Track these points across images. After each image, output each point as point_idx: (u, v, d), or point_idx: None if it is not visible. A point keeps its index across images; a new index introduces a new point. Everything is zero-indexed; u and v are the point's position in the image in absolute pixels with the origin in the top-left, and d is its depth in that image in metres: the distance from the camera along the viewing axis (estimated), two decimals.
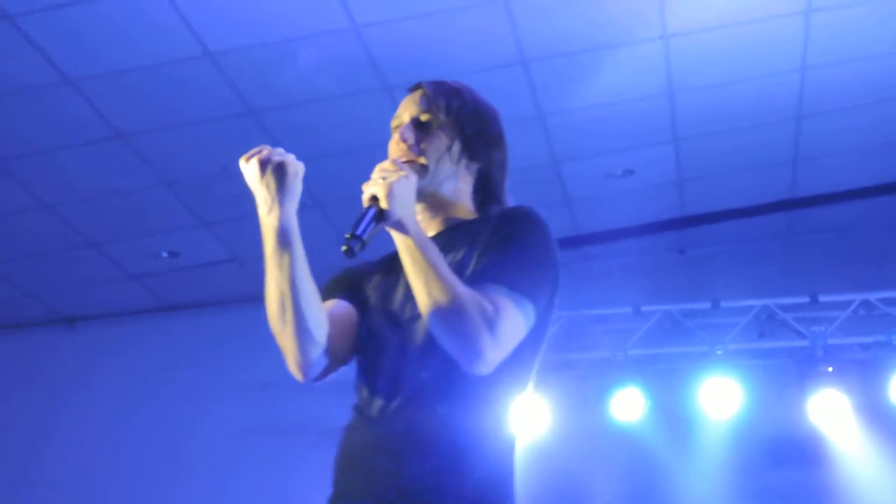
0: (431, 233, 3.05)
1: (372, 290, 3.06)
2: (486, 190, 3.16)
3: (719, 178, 8.11)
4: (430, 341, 2.81)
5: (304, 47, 6.47)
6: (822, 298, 8.18)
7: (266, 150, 2.91)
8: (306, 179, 2.99)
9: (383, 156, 3.15)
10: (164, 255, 8.54)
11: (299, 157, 3.06)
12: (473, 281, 2.80)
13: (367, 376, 2.96)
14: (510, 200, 3.16)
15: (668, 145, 7.68)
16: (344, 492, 2.88)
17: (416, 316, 2.85)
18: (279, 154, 2.91)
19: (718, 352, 8.11)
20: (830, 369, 8.07)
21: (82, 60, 6.47)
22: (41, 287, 8.95)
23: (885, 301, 8.15)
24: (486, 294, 2.76)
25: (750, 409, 8.11)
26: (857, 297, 8.16)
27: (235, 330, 9.07)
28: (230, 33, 6.38)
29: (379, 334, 2.98)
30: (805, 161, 7.96)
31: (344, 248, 2.75)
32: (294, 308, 2.84)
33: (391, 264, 3.04)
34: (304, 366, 2.91)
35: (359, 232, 2.74)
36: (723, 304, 8.25)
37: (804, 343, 8.10)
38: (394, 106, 3.11)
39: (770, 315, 8.26)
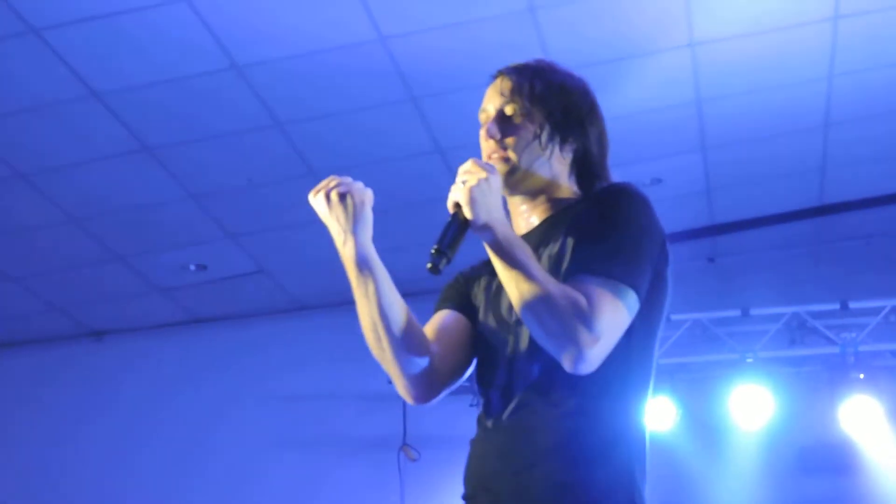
0: (537, 220, 2.97)
1: (481, 295, 3.00)
2: (586, 168, 3.04)
3: (748, 186, 8.09)
4: (535, 344, 2.74)
5: (331, 59, 6.46)
6: (853, 305, 8.14)
7: (332, 182, 2.82)
8: None
9: (410, 166, 3.14)
10: (192, 267, 8.54)
11: (325, 170, 3.05)
12: (568, 273, 2.73)
13: (483, 385, 2.92)
14: (613, 176, 3.05)
15: (697, 154, 7.65)
16: (466, 500, 2.87)
17: (521, 320, 2.77)
18: (345, 184, 2.80)
19: (749, 359, 8.07)
20: (862, 376, 8.03)
21: (109, 74, 6.49)
22: (69, 301, 8.98)
23: None
24: (580, 286, 2.66)
25: (781, 416, 8.07)
26: (888, 304, 8.10)
27: (263, 342, 9.09)
28: (256, 46, 6.38)
29: (490, 341, 2.93)
30: (833, 168, 7.92)
31: (429, 265, 2.63)
32: (388, 335, 2.80)
33: (488, 273, 2.99)
34: (412, 388, 2.89)
35: (443, 247, 2.64)
36: (753, 311, 8.21)
37: (835, 350, 8.06)
38: (420, 117, 3.11)
39: (800, 322, 8.22)
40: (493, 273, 2.85)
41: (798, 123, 7.43)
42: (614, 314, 2.67)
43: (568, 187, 3.01)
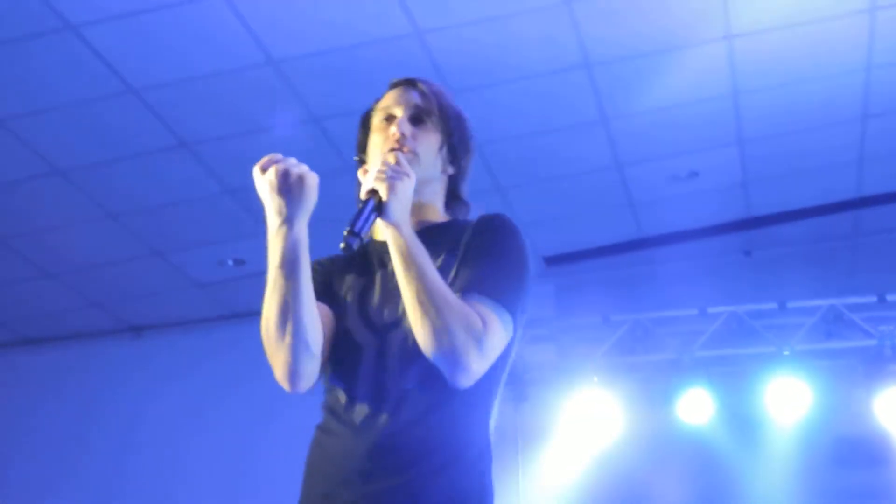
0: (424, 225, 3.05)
1: (346, 290, 3.04)
2: (454, 193, 3.17)
3: (784, 179, 8.07)
4: (412, 348, 2.81)
5: (367, 53, 6.48)
6: (890, 298, 8.12)
7: (283, 161, 2.89)
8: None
9: None
10: (230, 262, 8.57)
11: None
12: (458, 290, 2.83)
13: (345, 380, 2.95)
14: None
15: (733, 147, 7.64)
16: (323, 496, 2.87)
17: (397, 321, 2.88)
18: (296, 165, 2.90)
19: (786, 353, 8.05)
20: None
21: (146, 70, 6.52)
22: (107, 296, 9.02)
23: None
24: (474, 306, 2.80)
25: (818, 409, 8.05)
26: None
27: None
28: (293, 41, 6.41)
29: (355, 337, 2.97)
30: (871, 161, 7.90)
31: (342, 244, 2.76)
32: (296, 320, 2.84)
33: (364, 263, 3.05)
34: (297, 377, 2.89)
35: (357, 228, 2.77)
36: (789, 304, 8.20)
37: (872, 342, 8.04)
38: None
39: (837, 315, 8.20)
40: (359, 270, 3.03)
41: (835, 115, 7.41)
42: (500, 337, 2.84)
43: (438, 206, 3.13)
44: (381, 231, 2.99)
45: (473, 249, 2.93)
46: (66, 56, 6.30)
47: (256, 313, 9.64)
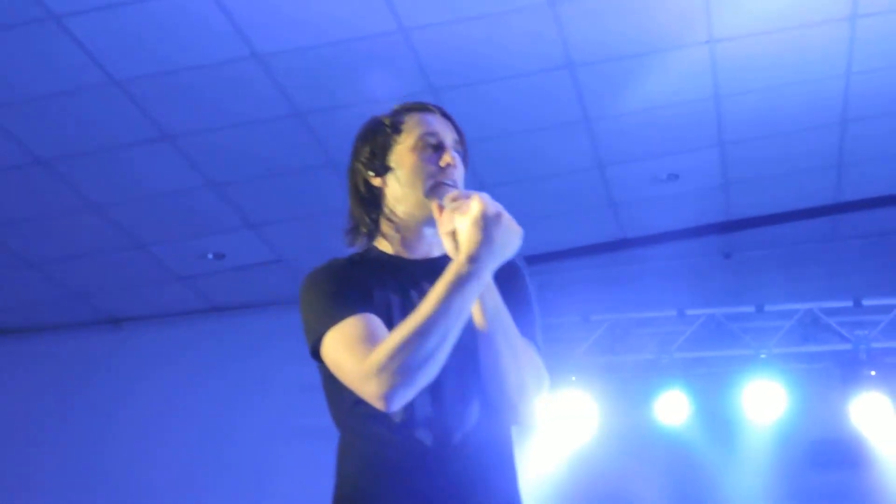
0: (436, 253, 3.06)
1: (385, 306, 2.96)
2: None
3: (764, 182, 8.11)
4: (470, 378, 2.87)
5: (352, 49, 6.49)
6: (866, 302, 8.17)
7: (488, 199, 2.80)
8: (347, 183, 3.01)
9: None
10: (211, 256, 8.57)
11: (345, 160, 3.10)
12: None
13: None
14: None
15: (714, 149, 7.67)
16: None
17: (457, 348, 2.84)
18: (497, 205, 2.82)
19: (762, 355, 8.10)
20: (874, 373, 8.05)
21: (129, 61, 6.50)
22: (88, 287, 9.00)
23: None
24: (533, 353, 2.95)
25: (793, 412, 8.10)
26: None
27: (281, 331, 9.06)
28: (278, 35, 6.40)
29: None
30: (850, 166, 7.95)
31: None
32: (444, 355, 2.77)
33: (391, 279, 3.00)
34: (403, 402, 2.79)
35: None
36: (767, 307, 8.25)
37: (848, 347, 8.09)
38: None
39: (814, 319, 8.25)
40: (392, 288, 2.97)
41: (815, 120, 7.45)
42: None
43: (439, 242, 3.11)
44: (411, 249, 3.06)
45: (515, 297, 2.97)
46: (49, 47, 6.28)
47: (235, 307, 9.67)
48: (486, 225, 2.73)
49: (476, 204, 2.76)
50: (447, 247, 2.85)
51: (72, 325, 9.48)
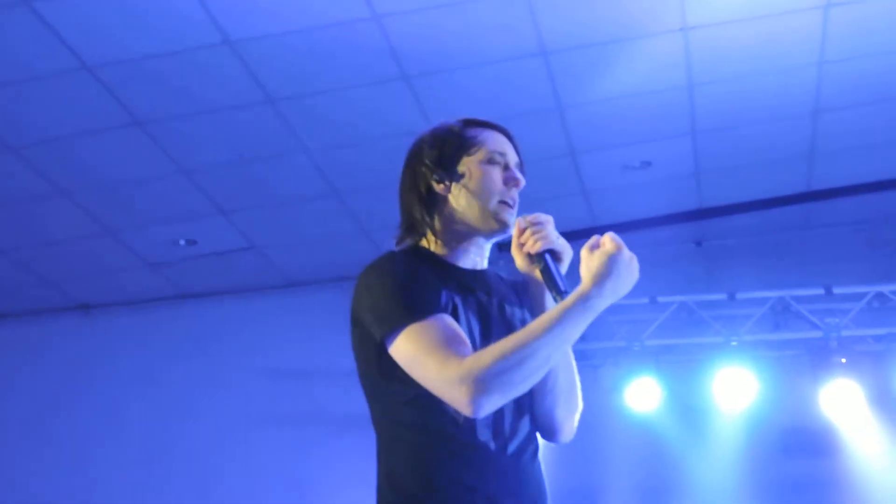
0: (481, 265, 3.16)
1: (469, 316, 3.01)
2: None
3: (736, 170, 8.13)
4: (526, 393, 2.91)
5: (325, 36, 6.48)
6: (837, 290, 8.20)
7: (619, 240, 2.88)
8: (324, 169, 3.01)
9: (402, 145, 3.18)
10: (182, 242, 8.55)
11: (317, 147, 3.09)
12: None
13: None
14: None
15: (686, 137, 7.69)
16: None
17: None
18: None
19: (733, 343, 8.13)
20: (844, 360, 8.10)
21: (101, 47, 6.47)
22: (58, 274, 8.98)
23: None
24: None
25: (764, 399, 8.15)
26: (872, 290, 8.17)
27: (253, 318, 9.12)
28: (250, 21, 6.38)
29: None
30: (821, 155, 7.97)
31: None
32: (541, 376, 2.87)
33: (451, 284, 3.02)
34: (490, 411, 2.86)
35: (564, 288, 2.91)
36: (738, 295, 8.27)
37: (818, 334, 8.13)
38: (413, 96, 3.16)
39: (785, 307, 8.28)
40: (462, 295, 3.01)
41: (787, 110, 7.47)
42: None
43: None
44: (462, 257, 3.12)
45: (533, 310, 3.10)
46: (20, 31, 6.24)
47: (207, 294, 9.62)
48: (620, 263, 2.82)
49: (611, 242, 2.84)
50: (519, 263, 3.03)
51: (42, 311, 9.45)
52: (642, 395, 8.18)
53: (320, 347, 8.66)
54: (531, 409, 3.04)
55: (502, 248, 3.12)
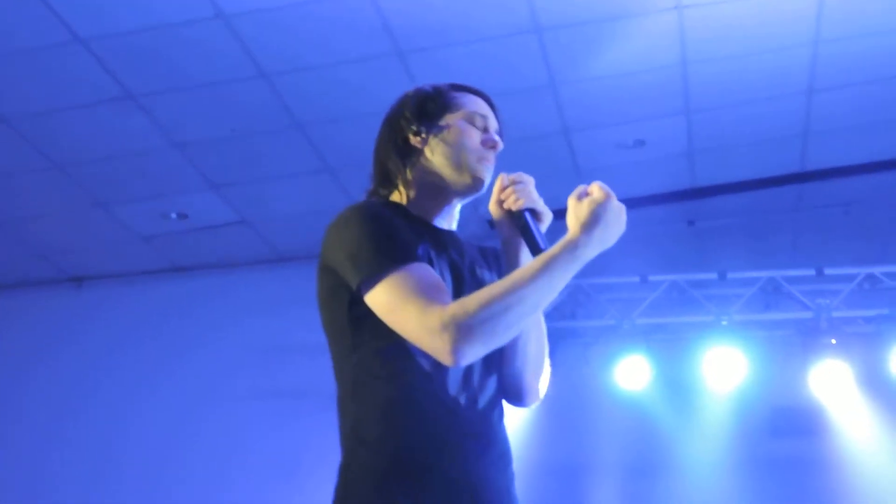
0: (453, 227, 3.16)
1: (441, 270, 2.97)
2: None
3: (730, 150, 8.12)
4: (494, 351, 2.87)
5: (318, 11, 6.45)
6: (828, 271, 8.21)
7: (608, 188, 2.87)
8: (316, 144, 3.00)
9: None
10: (173, 216, 8.54)
11: (308, 122, 3.08)
12: None
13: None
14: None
15: (680, 116, 7.68)
16: (444, 467, 2.83)
17: None
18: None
19: (724, 322, 8.14)
20: (834, 341, 8.11)
21: (93, 20, 6.45)
22: (50, 246, 8.97)
23: (890, 275, 8.18)
24: None
25: (753, 379, 8.16)
26: (863, 271, 8.18)
27: (243, 292, 9.11)
28: None
29: None
30: (815, 135, 7.96)
31: None
32: (524, 326, 2.87)
33: (426, 238, 2.99)
34: (470, 360, 2.81)
35: (544, 246, 2.89)
36: (729, 275, 8.28)
37: (809, 315, 8.14)
38: (406, 72, 3.15)
39: (776, 287, 8.28)
40: (434, 245, 2.98)
41: (782, 89, 7.46)
42: None
43: None
44: (433, 215, 3.10)
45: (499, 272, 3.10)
46: (12, 4, 6.23)
47: (198, 267, 9.61)
48: (608, 211, 2.81)
49: (600, 190, 2.83)
50: (495, 215, 3.04)
51: (34, 284, 9.44)
52: (632, 373, 8.18)
53: (309, 321, 8.57)
54: (499, 371, 3.00)
55: (493, 225, 3.11)
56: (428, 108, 3.14)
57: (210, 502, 8.54)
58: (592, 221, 2.79)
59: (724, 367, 8.10)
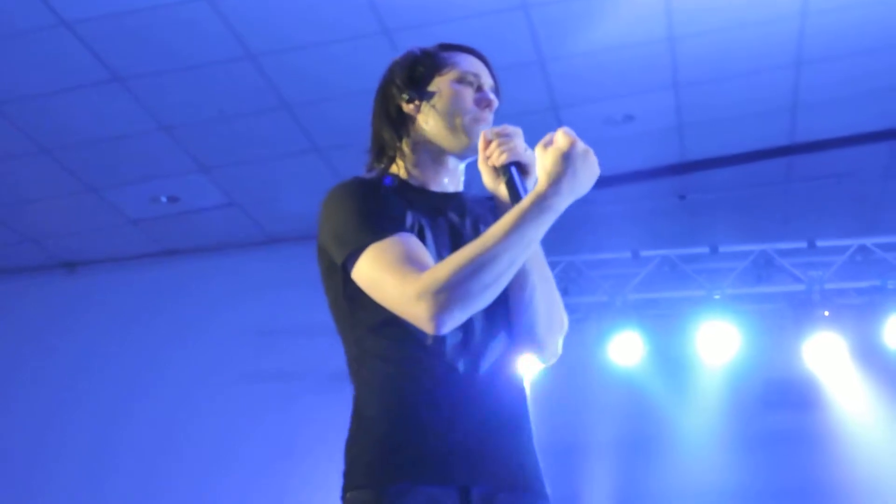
0: (452, 189, 3.12)
1: (414, 233, 2.93)
2: None
3: (719, 124, 8.10)
4: (500, 308, 2.88)
5: None
6: (820, 243, 8.21)
7: (573, 134, 2.83)
8: (305, 124, 2.98)
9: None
10: (164, 199, 8.52)
11: (297, 102, 3.07)
12: None
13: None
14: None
15: (669, 91, 7.66)
16: (447, 434, 2.81)
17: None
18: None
19: (716, 296, 8.15)
20: (827, 313, 8.12)
21: (78, 2, 6.41)
22: (41, 231, 8.95)
23: (882, 246, 8.18)
24: None
25: (747, 352, 8.17)
26: (854, 243, 8.19)
27: (234, 275, 9.09)
28: None
29: None
30: (804, 107, 7.95)
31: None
32: (505, 284, 2.78)
33: (419, 207, 2.98)
34: (454, 324, 2.77)
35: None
36: (721, 249, 8.28)
37: (801, 288, 8.15)
38: (394, 50, 3.14)
39: (768, 260, 8.29)
40: (430, 217, 2.96)
41: (770, 61, 7.44)
42: None
43: None
44: (433, 180, 3.08)
45: None
46: None
47: (189, 250, 9.60)
48: (575, 158, 2.76)
49: (564, 137, 2.78)
50: (485, 179, 2.97)
51: (25, 269, 9.42)
52: (625, 349, 8.19)
53: (301, 303, 8.60)
54: (509, 328, 2.95)
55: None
56: (417, 72, 3.14)
57: (206, 485, 8.55)
58: (559, 172, 2.75)
59: (717, 342, 8.11)
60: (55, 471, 8.81)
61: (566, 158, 2.75)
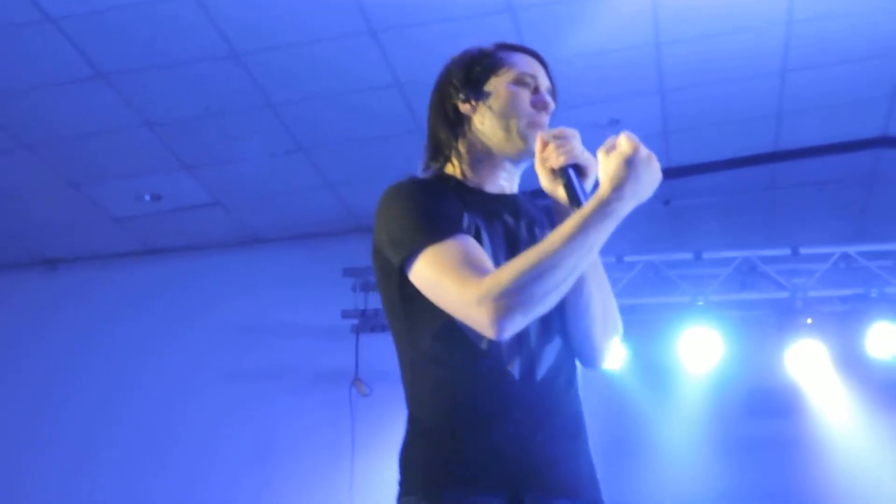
0: (508, 190, 3.09)
1: (482, 235, 2.92)
2: None
3: (704, 129, 8.11)
4: (556, 314, 2.85)
5: None
6: (803, 251, 8.21)
7: (636, 139, 2.80)
8: (289, 124, 2.96)
9: (368, 100, 3.15)
10: (147, 197, 8.50)
11: (282, 102, 3.04)
12: None
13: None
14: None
15: (654, 96, 7.66)
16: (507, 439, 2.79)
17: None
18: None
19: (700, 302, 8.14)
20: (810, 321, 8.13)
21: None
22: (21, 228, 8.92)
23: (865, 254, 8.18)
24: None
25: (730, 359, 8.16)
26: (838, 250, 8.19)
27: (218, 274, 9.08)
28: None
29: None
30: (789, 114, 7.95)
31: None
32: (566, 290, 2.75)
33: (475, 208, 2.95)
34: (516, 329, 2.74)
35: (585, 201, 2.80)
36: (705, 255, 8.27)
37: (784, 295, 8.14)
38: (379, 50, 3.12)
39: (751, 267, 8.29)
40: (487, 219, 2.93)
41: (755, 68, 7.45)
42: None
43: None
44: (488, 181, 3.05)
45: None
46: None
47: (172, 249, 9.56)
48: (638, 164, 2.75)
49: (628, 142, 2.76)
50: (542, 181, 2.92)
51: (6, 267, 9.39)
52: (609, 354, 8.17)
53: (285, 303, 8.65)
54: (565, 334, 2.94)
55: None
56: (474, 72, 3.10)
57: (192, 482, 8.56)
58: (622, 177, 2.73)
59: (701, 348, 8.10)
60: (38, 470, 8.80)
61: (630, 163, 2.74)
